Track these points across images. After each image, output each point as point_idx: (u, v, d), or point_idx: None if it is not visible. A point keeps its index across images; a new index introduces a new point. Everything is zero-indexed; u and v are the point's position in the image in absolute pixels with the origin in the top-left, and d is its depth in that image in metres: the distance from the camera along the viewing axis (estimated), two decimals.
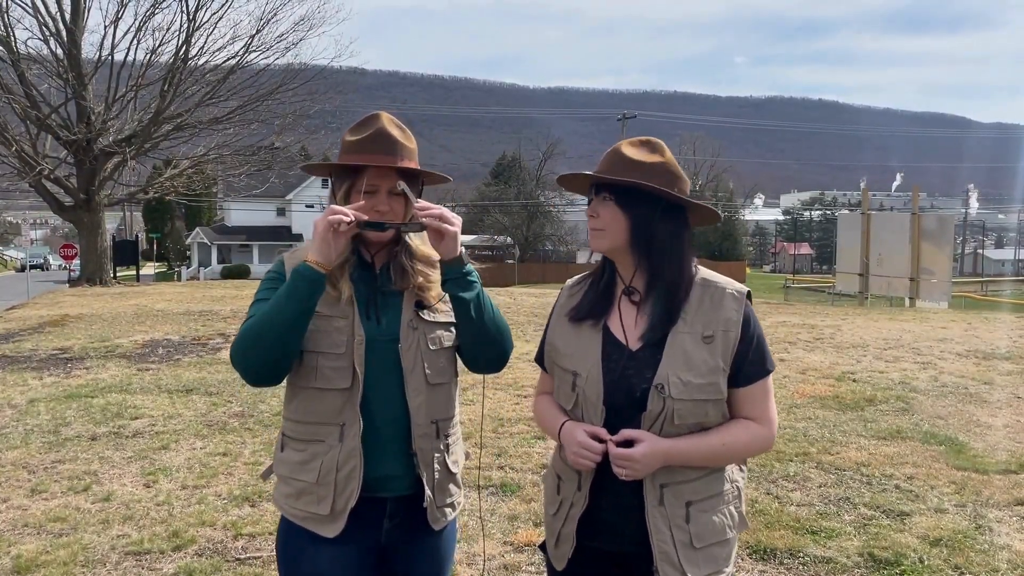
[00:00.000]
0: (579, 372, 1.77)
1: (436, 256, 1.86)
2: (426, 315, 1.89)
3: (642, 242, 1.74)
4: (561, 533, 1.82)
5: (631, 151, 1.76)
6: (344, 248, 1.80)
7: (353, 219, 1.75)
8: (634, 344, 1.75)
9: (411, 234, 1.90)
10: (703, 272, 1.80)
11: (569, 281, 1.95)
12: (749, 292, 1.78)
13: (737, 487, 1.82)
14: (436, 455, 1.89)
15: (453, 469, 1.94)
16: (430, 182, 1.97)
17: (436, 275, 1.90)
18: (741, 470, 1.86)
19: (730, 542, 1.79)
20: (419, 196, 1.89)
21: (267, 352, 1.77)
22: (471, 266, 1.82)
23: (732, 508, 1.79)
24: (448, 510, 1.94)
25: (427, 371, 1.86)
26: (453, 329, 1.90)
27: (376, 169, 1.84)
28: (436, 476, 1.89)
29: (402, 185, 1.85)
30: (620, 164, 1.75)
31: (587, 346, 1.78)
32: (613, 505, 1.76)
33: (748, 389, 1.75)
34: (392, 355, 1.84)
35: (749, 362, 1.74)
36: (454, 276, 1.80)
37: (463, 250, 1.80)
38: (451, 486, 1.94)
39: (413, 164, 1.88)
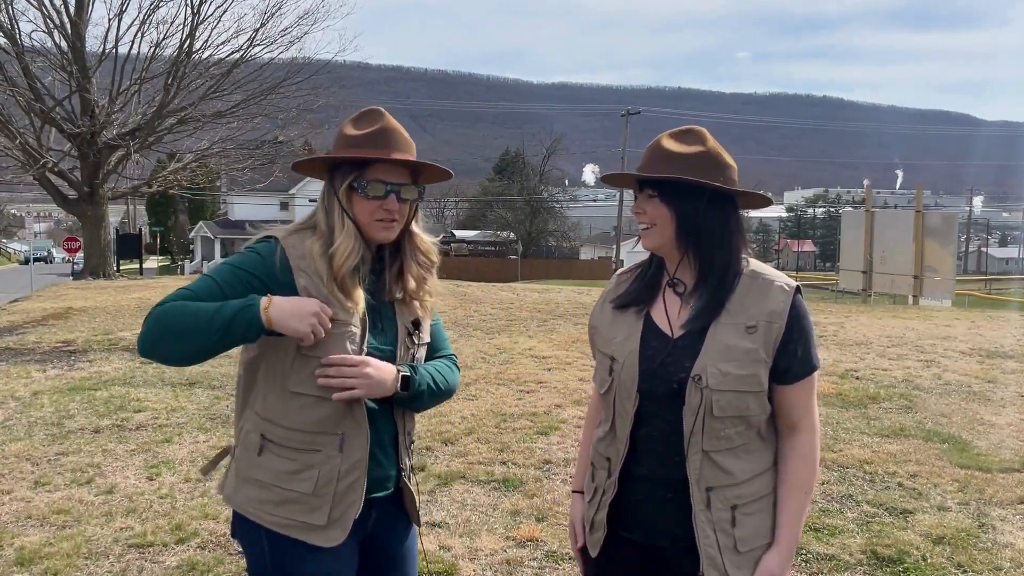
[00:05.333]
0: (616, 358, 1.77)
1: (434, 255, 1.92)
2: (416, 337, 1.90)
3: (690, 235, 1.72)
4: (595, 520, 1.83)
5: (670, 143, 1.73)
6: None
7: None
8: (676, 334, 1.73)
9: (416, 232, 1.90)
10: (754, 264, 1.77)
11: (619, 270, 1.95)
12: (799, 287, 1.74)
13: None
14: (411, 461, 1.94)
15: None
16: (432, 180, 1.93)
17: (432, 281, 1.92)
18: None
19: None
20: (421, 196, 1.89)
21: (179, 355, 1.71)
22: (404, 393, 1.82)
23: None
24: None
25: None
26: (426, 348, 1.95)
27: (384, 164, 1.80)
28: (415, 479, 1.95)
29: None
30: (660, 158, 1.72)
31: (628, 333, 1.78)
32: (648, 497, 1.76)
33: (794, 387, 1.72)
34: None
35: (798, 359, 1.71)
36: (401, 402, 1.85)
37: (397, 379, 1.80)
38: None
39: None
